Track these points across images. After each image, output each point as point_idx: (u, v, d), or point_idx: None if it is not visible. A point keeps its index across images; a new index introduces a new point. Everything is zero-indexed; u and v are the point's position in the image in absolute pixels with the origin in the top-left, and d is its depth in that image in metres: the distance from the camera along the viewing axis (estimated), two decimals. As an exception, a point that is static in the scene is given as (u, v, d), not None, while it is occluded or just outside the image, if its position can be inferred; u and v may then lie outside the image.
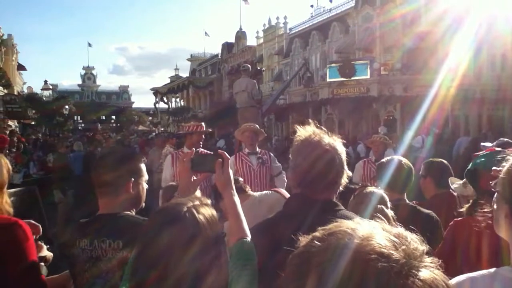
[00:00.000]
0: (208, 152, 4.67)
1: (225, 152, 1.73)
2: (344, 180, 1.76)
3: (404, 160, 3.13)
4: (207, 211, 1.32)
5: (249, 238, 1.54)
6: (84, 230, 1.92)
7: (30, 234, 1.93)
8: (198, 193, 2.25)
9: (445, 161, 3.49)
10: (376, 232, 0.71)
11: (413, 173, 3.08)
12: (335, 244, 0.70)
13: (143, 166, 2.10)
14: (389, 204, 2.35)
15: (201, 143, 5.21)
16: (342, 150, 1.76)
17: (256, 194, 3.27)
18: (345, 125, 21.05)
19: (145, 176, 2.10)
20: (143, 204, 2.14)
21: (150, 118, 55.28)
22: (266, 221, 1.80)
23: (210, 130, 7.17)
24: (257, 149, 5.25)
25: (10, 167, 2.02)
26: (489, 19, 16.61)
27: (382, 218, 0.79)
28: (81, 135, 20.49)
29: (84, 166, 10.26)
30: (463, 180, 2.87)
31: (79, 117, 56.15)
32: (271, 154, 5.50)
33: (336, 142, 1.75)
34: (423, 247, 0.70)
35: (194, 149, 2.34)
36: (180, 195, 1.71)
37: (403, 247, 0.68)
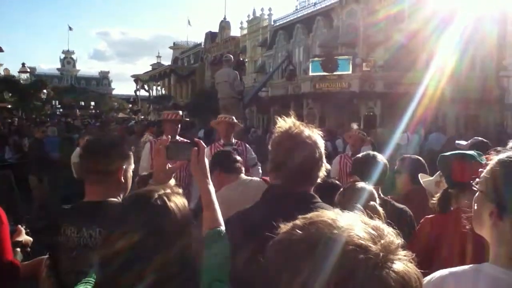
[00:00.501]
0: (185, 140, 4.64)
1: (201, 141, 1.72)
2: (323, 173, 1.77)
3: (379, 155, 3.18)
4: (178, 200, 1.32)
5: (222, 227, 1.54)
6: (71, 217, 1.88)
7: (5, 218, 1.91)
8: (172, 181, 2.24)
9: (420, 158, 3.55)
10: (356, 224, 0.73)
11: (388, 168, 3.13)
12: (315, 233, 0.72)
13: (131, 154, 2.09)
14: (378, 200, 2.37)
15: (177, 131, 5.12)
16: (321, 143, 1.77)
17: (247, 177, 3.28)
18: (326, 120, 21.16)
19: (133, 164, 2.08)
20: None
21: (131, 105, 54.63)
22: (243, 210, 1.80)
23: (188, 119, 7.11)
24: (233, 140, 5.25)
25: None
26: (474, 20, 16.83)
27: (374, 215, 0.81)
28: (58, 120, 20.12)
29: (60, 152, 10.10)
30: (435, 176, 2.93)
31: (57, 102, 55.16)
32: (247, 146, 5.50)
33: (316, 135, 1.76)
34: (399, 241, 0.73)
35: (169, 136, 2.32)
36: (155, 183, 1.70)
37: (381, 240, 0.70)
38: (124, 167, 1.97)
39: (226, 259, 1.45)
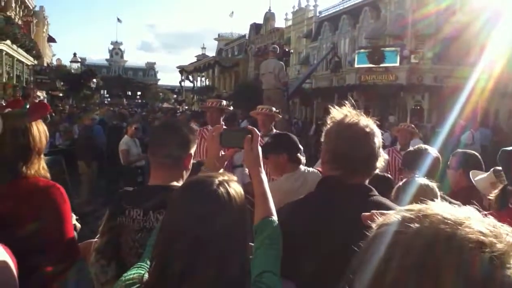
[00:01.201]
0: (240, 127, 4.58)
1: (255, 128, 1.68)
2: (381, 164, 1.70)
3: (431, 148, 3.04)
4: (237, 187, 1.30)
5: (275, 217, 1.50)
6: (137, 199, 1.88)
7: (67, 198, 1.97)
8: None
9: (476, 153, 3.38)
10: (473, 218, 0.65)
11: (440, 162, 3.00)
12: (432, 228, 0.64)
13: (197, 141, 2.10)
14: (439, 197, 2.24)
15: (221, 120, 5.07)
16: (379, 133, 1.70)
17: (305, 168, 3.19)
18: (370, 113, 20.71)
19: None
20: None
21: (175, 96, 55.66)
22: (297, 201, 1.75)
23: (232, 108, 7.05)
24: (274, 131, 5.14)
25: (47, 134, 2.04)
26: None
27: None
28: (107, 109, 20.77)
29: (108, 138, 10.41)
30: (488, 175, 2.77)
31: (105, 91, 56.94)
32: None
33: (373, 124, 1.69)
34: None
35: (223, 123, 2.30)
36: (208, 169, 1.69)
37: (503, 237, 0.63)
38: (192, 153, 1.98)
39: (278, 250, 1.42)
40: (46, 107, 2.23)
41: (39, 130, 1.95)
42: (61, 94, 34.02)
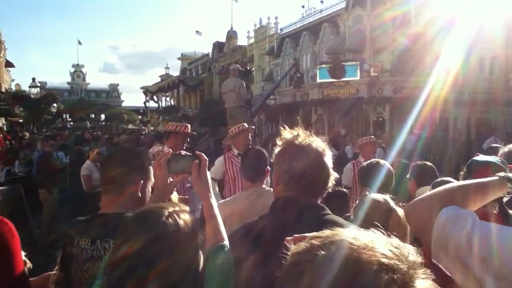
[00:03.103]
0: (186, 153, 4.60)
1: (202, 154, 1.69)
2: (332, 183, 1.74)
3: (382, 162, 3.14)
4: (186, 217, 1.31)
5: (226, 242, 1.51)
6: (85, 228, 1.86)
7: (16, 232, 1.91)
8: (174, 195, 2.21)
9: (429, 163, 3.49)
10: (377, 241, 0.70)
11: (393, 174, 3.10)
12: (339, 254, 0.68)
13: (151, 168, 2.03)
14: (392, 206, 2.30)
15: (185, 145, 5.07)
16: (329, 153, 1.74)
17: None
18: (335, 126, 21.08)
19: (153, 179, 2.02)
20: None
21: (140, 117, 55.00)
22: (251, 223, 1.75)
23: (195, 133, 7.05)
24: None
25: None
26: (479, 22, 16.74)
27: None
28: (69, 133, 20.32)
29: (71, 163, 10.16)
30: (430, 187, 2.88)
31: (68, 115, 55.70)
32: None
33: (323, 144, 1.73)
34: (419, 259, 0.70)
35: (170, 150, 2.31)
36: (156, 197, 1.68)
37: (406, 259, 0.67)
38: (142, 181, 1.94)
39: (230, 274, 1.42)
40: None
41: None
42: (21, 120, 33.05)
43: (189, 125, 5.33)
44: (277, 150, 1.76)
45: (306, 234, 0.85)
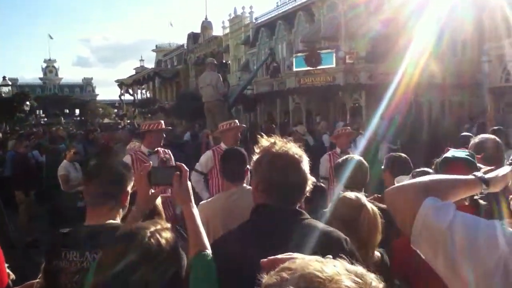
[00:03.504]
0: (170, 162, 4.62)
1: (183, 165, 1.71)
2: (309, 187, 1.78)
3: (357, 158, 3.22)
4: (168, 235, 1.33)
5: (208, 250, 1.53)
6: (72, 241, 1.89)
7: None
8: (159, 200, 2.24)
9: (403, 155, 3.57)
10: (342, 273, 0.75)
11: (368, 170, 3.18)
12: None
13: (132, 176, 2.10)
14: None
15: (161, 142, 5.09)
16: (306, 158, 1.78)
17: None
18: (312, 114, 21.24)
19: (132, 184, 2.09)
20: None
21: (116, 110, 54.32)
22: (232, 231, 1.79)
23: (171, 128, 7.09)
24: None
25: None
26: (450, 4, 16.98)
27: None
28: (43, 131, 19.90)
29: (47, 163, 9.99)
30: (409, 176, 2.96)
31: (41, 111, 54.55)
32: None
33: (300, 151, 1.76)
34: (382, 285, 0.76)
35: (151, 162, 2.35)
36: (138, 208, 1.70)
37: (368, 286, 0.73)
38: (124, 192, 2.01)
39: (213, 282, 1.45)
40: None
41: None
42: (-8, 119, 32.22)
43: (162, 121, 5.36)
44: (255, 157, 1.79)
45: (279, 257, 0.92)
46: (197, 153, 7.94)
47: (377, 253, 2.27)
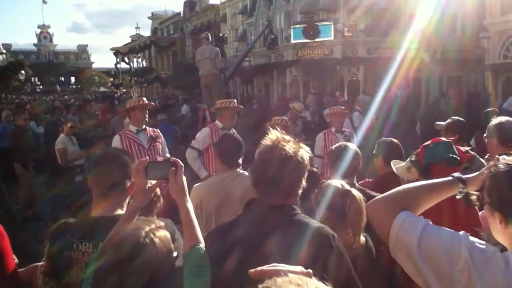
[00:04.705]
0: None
1: (178, 160, 1.78)
2: (304, 184, 1.85)
3: (351, 145, 3.30)
4: (162, 234, 1.41)
5: (202, 244, 1.63)
6: (83, 233, 1.94)
7: (5, 233, 2.01)
8: (158, 190, 2.33)
9: (395, 140, 3.63)
10: None
11: (360, 157, 3.27)
12: None
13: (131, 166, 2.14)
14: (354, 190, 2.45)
15: (146, 117, 5.10)
16: (307, 158, 1.83)
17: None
18: (310, 87, 21.14)
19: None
20: None
21: (112, 79, 53.71)
22: (225, 224, 1.87)
23: (153, 103, 7.14)
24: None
25: None
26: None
27: None
28: (40, 101, 19.82)
29: (46, 135, 10.03)
30: (405, 163, 3.05)
31: (36, 78, 53.97)
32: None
33: (302, 150, 1.81)
34: None
35: (147, 157, 2.44)
36: (136, 201, 1.78)
37: None
38: (129, 183, 2.06)
39: (207, 277, 1.54)
40: None
41: None
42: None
43: (144, 98, 5.46)
44: (257, 151, 1.87)
45: (265, 269, 1.00)
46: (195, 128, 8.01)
47: (362, 237, 2.38)
